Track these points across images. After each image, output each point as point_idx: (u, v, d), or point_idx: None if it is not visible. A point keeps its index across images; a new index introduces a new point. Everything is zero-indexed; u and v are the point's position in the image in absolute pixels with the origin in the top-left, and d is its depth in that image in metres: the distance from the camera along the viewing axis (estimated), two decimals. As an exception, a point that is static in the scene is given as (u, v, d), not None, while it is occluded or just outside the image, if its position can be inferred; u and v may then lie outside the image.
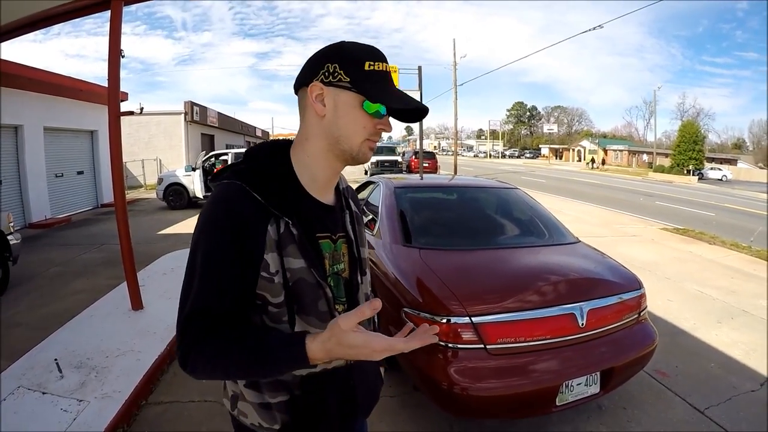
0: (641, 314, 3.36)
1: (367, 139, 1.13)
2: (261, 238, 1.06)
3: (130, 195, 17.57)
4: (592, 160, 58.70)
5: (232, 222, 1.05)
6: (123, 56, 4.74)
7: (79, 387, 3.43)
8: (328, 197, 1.24)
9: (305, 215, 1.14)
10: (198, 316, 1.04)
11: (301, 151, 1.18)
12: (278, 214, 1.08)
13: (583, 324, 2.92)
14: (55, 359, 3.67)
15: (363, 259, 1.32)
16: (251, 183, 1.09)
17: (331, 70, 1.10)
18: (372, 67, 1.10)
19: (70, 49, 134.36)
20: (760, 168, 56.89)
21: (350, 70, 1.09)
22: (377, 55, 1.12)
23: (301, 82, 1.15)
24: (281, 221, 1.09)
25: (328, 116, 1.12)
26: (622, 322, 3.18)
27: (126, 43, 4.74)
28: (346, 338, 0.95)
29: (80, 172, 14.11)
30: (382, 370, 1.48)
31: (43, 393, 3.34)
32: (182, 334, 1.05)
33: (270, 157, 1.18)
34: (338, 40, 1.15)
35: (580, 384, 2.86)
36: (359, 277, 1.28)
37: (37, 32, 5.52)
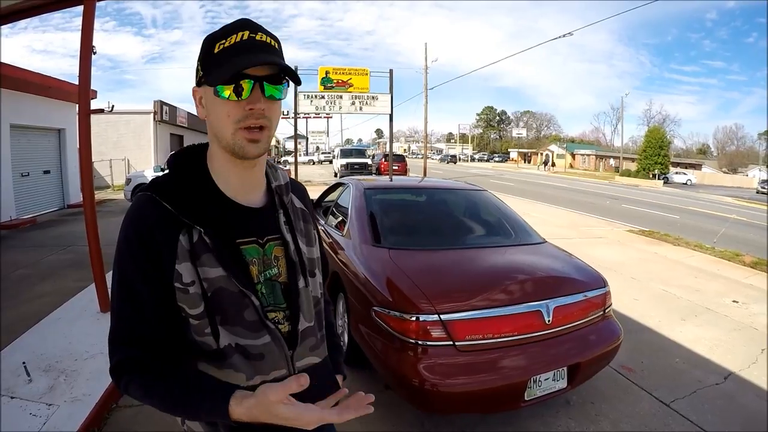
0: (606, 311, 3.46)
1: (239, 129, 1.03)
2: (170, 248, 1.02)
3: (98, 196, 17.18)
4: (544, 163, 61.95)
5: (139, 234, 1.02)
6: (95, 53, 4.68)
7: (48, 391, 3.37)
8: (254, 199, 1.17)
9: (223, 221, 1.08)
10: (122, 339, 1.02)
11: (210, 157, 1.14)
12: (189, 223, 1.04)
13: (549, 321, 3.01)
14: (23, 363, 3.59)
15: (309, 259, 1.24)
16: (162, 192, 1.05)
17: (197, 69, 1.07)
18: (222, 46, 1.01)
19: (36, 45, 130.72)
20: (724, 173, 58.53)
21: (203, 61, 1.05)
22: (232, 29, 1.03)
23: None
24: (193, 230, 1.04)
25: (207, 117, 1.09)
26: (587, 319, 3.28)
27: (94, 40, 4.68)
28: (275, 409, 0.91)
29: (47, 172, 13.75)
30: (339, 379, 1.38)
31: (12, 397, 3.27)
32: (111, 353, 1.03)
33: (185, 163, 1.13)
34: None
35: (547, 379, 2.94)
36: (302, 281, 1.19)
37: (3, 26, 5.43)
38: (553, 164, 63.71)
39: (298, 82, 1.10)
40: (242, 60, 0.99)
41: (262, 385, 0.96)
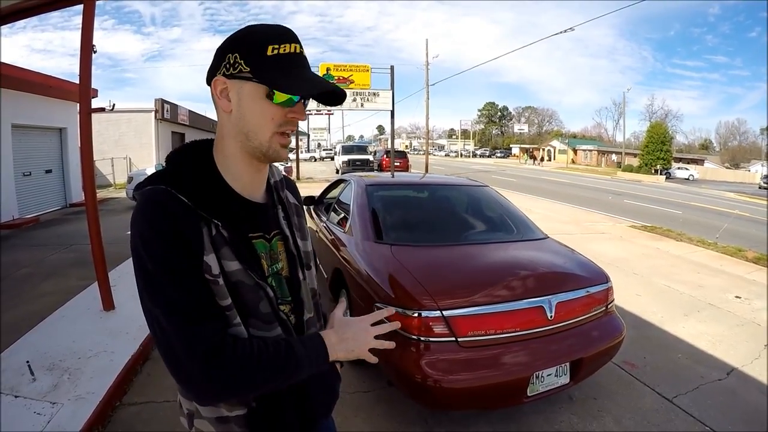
0: (609, 307, 3.46)
1: (277, 133, 1.06)
2: (198, 239, 1.00)
3: (100, 194, 17.14)
4: (533, 157, 66.24)
5: (169, 223, 0.98)
6: (95, 51, 4.68)
7: (52, 389, 3.38)
8: (258, 195, 1.18)
9: (235, 216, 1.08)
10: (201, 316, 0.96)
11: (220, 152, 1.12)
12: (207, 217, 1.02)
13: (551, 316, 3.00)
14: (27, 362, 3.61)
15: (305, 253, 1.27)
16: (176, 186, 1.03)
17: (231, 62, 1.03)
18: (276, 51, 1.02)
19: (35, 44, 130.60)
20: (727, 168, 58.44)
21: (251, 58, 1.02)
22: (283, 36, 1.03)
23: (208, 78, 1.10)
24: (211, 224, 1.03)
25: (234, 112, 1.06)
26: (590, 315, 3.27)
27: (94, 39, 4.68)
28: (345, 319, 1.20)
29: (48, 171, 13.77)
30: (338, 366, 1.40)
31: (16, 396, 3.29)
32: (194, 336, 0.94)
33: (193, 159, 1.11)
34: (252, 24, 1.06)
35: (550, 375, 2.94)
36: (300, 274, 1.23)
37: (3, 26, 5.44)
38: (543, 159, 66.12)
39: (339, 103, 1.17)
40: (314, 83, 1.06)
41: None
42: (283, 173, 1.35)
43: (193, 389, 0.98)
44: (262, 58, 1.02)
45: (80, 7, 4.63)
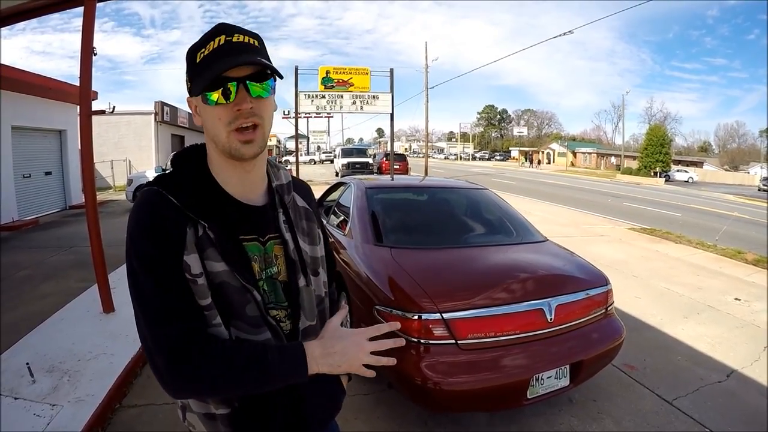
0: (608, 309, 3.46)
1: (231, 131, 1.06)
2: (180, 239, 1.03)
3: (99, 196, 17.05)
4: (531, 160, 67.46)
5: (153, 220, 1.03)
6: (95, 54, 4.69)
7: (51, 391, 3.38)
8: (255, 198, 1.19)
9: (226, 218, 1.10)
10: (173, 315, 1.00)
11: (209, 159, 1.17)
12: (194, 218, 1.06)
13: (551, 319, 3.01)
14: (27, 363, 3.60)
15: (312, 258, 1.26)
16: (168, 188, 1.08)
17: (186, 82, 1.13)
18: (203, 54, 1.06)
19: (35, 46, 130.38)
20: (726, 170, 58.49)
21: (189, 73, 1.10)
22: (208, 37, 1.06)
23: None
24: (198, 225, 1.06)
25: (203, 123, 1.13)
26: (589, 317, 3.28)
27: (94, 41, 4.69)
28: (339, 330, 1.15)
29: (48, 173, 13.78)
30: (344, 379, 1.34)
31: (15, 398, 3.28)
32: (162, 333, 0.98)
33: (189, 162, 1.16)
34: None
35: (550, 377, 2.94)
36: (301, 279, 1.20)
37: (3, 28, 5.45)
38: (540, 162, 67.04)
39: (280, 77, 1.13)
40: (220, 64, 1.03)
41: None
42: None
43: (163, 384, 1.00)
44: (194, 69, 1.08)
45: (80, 9, 4.65)
